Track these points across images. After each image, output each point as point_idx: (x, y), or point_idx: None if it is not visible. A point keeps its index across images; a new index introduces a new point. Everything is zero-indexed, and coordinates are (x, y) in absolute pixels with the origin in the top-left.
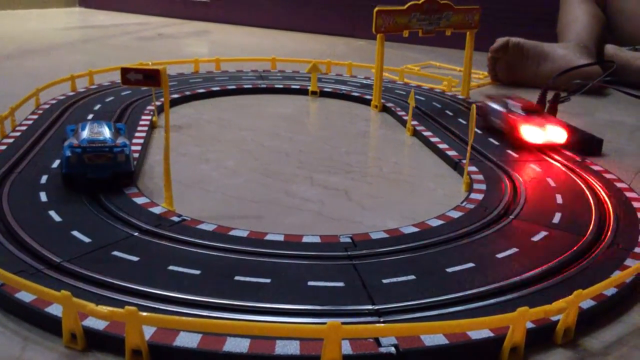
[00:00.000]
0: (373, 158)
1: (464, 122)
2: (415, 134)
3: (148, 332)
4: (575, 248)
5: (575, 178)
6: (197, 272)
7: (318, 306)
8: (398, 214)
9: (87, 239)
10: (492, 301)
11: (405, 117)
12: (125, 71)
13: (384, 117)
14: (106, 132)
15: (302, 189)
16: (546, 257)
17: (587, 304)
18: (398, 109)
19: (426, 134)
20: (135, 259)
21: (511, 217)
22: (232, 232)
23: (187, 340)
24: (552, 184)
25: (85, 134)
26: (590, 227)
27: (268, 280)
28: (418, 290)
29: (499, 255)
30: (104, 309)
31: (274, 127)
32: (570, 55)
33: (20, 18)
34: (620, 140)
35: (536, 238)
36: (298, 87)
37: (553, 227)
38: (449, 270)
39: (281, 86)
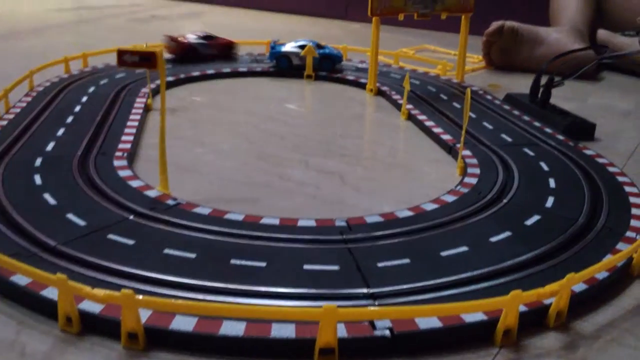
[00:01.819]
0: (368, 142)
1: (458, 106)
2: (410, 117)
3: (144, 315)
4: (567, 232)
5: (568, 162)
6: (193, 255)
7: (313, 289)
8: (393, 198)
9: (82, 222)
10: (485, 284)
11: (400, 101)
12: (121, 53)
13: (379, 101)
14: None
15: (297, 173)
16: (539, 240)
17: (579, 287)
18: (393, 92)
19: (421, 117)
20: (130, 242)
21: (504, 200)
22: (227, 216)
23: (183, 323)
24: (545, 168)
25: None
26: (583, 211)
27: (264, 264)
28: (412, 274)
29: (493, 239)
30: (100, 292)
31: (269, 111)
32: (564, 40)
33: None
34: (612, 124)
35: (529, 222)
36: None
37: (546, 211)
38: (443, 253)
39: (272, 69)
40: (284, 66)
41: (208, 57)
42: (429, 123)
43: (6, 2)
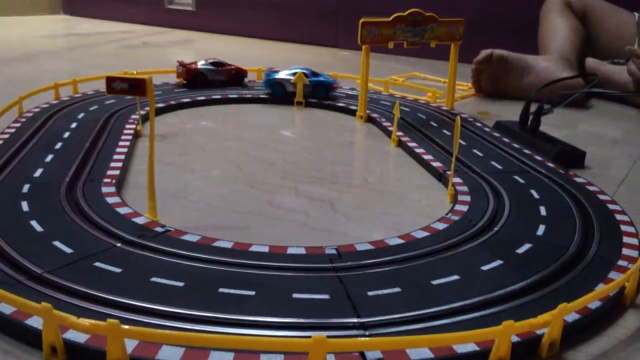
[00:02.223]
0: (358, 169)
1: (448, 133)
2: (400, 144)
3: (130, 345)
4: (559, 260)
5: (558, 190)
6: (181, 284)
7: (303, 319)
8: (383, 225)
9: (68, 250)
10: (477, 314)
11: (390, 128)
12: (110, 80)
13: (369, 128)
14: None
15: (287, 200)
16: (530, 269)
17: (571, 317)
18: (383, 119)
19: (411, 144)
20: (117, 270)
21: (495, 228)
22: (216, 243)
23: (170, 353)
24: (536, 195)
25: None
26: (574, 240)
27: (252, 292)
28: (403, 303)
29: (484, 268)
30: (86, 321)
31: (259, 137)
32: (552, 68)
33: (1, 24)
34: (602, 152)
35: (520, 250)
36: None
37: (537, 239)
38: (435, 282)
39: (267, 96)
40: (278, 94)
41: (217, 83)
42: (419, 150)
43: None
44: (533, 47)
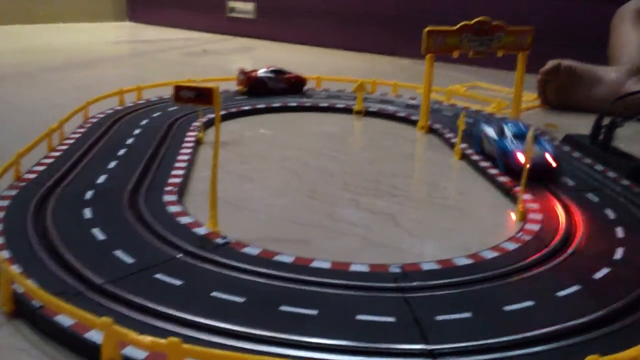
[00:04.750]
0: (420, 181)
1: None
2: (464, 157)
3: None
4: None
5: (635, 210)
6: (242, 299)
7: (367, 343)
8: (448, 243)
9: (130, 259)
10: (554, 345)
11: (453, 140)
12: (178, 89)
13: (430, 139)
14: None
15: (348, 212)
16: (612, 296)
17: None
18: (445, 130)
19: (475, 157)
20: (178, 282)
21: (570, 251)
22: (276, 257)
23: None
24: (612, 215)
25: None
26: None
27: (315, 312)
28: (475, 330)
29: (560, 294)
30: (146, 338)
31: (319, 146)
32: (623, 79)
33: (70, 31)
34: None
35: (598, 275)
36: (343, 106)
37: (615, 264)
38: (507, 308)
39: (326, 104)
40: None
41: (277, 91)
42: (484, 164)
43: (63, 35)
44: (603, 57)
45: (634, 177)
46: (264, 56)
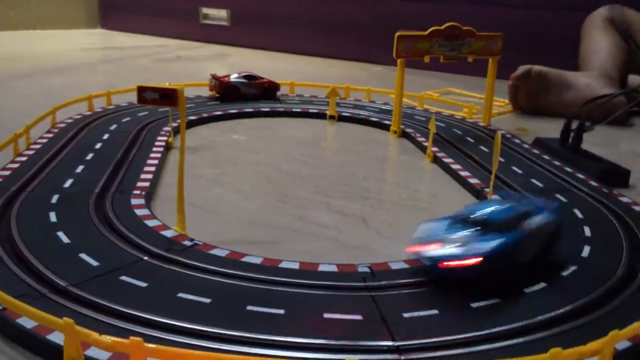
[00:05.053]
0: (392, 184)
1: (485, 149)
2: (436, 160)
3: None
4: (607, 283)
5: (603, 210)
6: (208, 300)
7: (334, 341)
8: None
9: (95, 262)
10: (520, 340)
11: (424, 143)
12: (141, 90)
13: (403, 143)
14: None
15: (319, 215)
16: (576, 292)
17: (622, 345)
18: (418, 134)
19: (447, 160)
20: (143, 284)
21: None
22: (245, 259)
23: None
24: (580, 215)
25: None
26: (622, 261)
27: (282, 311)
28: (441, 326)
29: (527, 290)
30: (108, 338)
31: (291, 151)
32: (593, 85)
33: (40, 38)
34: None
35: (565, 273)
36: (316, 111)
37: (582, 261)
38: (474, 305)
39: (299, 110)
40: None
41: (250, 96)
42: (455, 166)
43: (33, 42)
44: (573, 63)
45: (603, 178)
46: (239, 63)
